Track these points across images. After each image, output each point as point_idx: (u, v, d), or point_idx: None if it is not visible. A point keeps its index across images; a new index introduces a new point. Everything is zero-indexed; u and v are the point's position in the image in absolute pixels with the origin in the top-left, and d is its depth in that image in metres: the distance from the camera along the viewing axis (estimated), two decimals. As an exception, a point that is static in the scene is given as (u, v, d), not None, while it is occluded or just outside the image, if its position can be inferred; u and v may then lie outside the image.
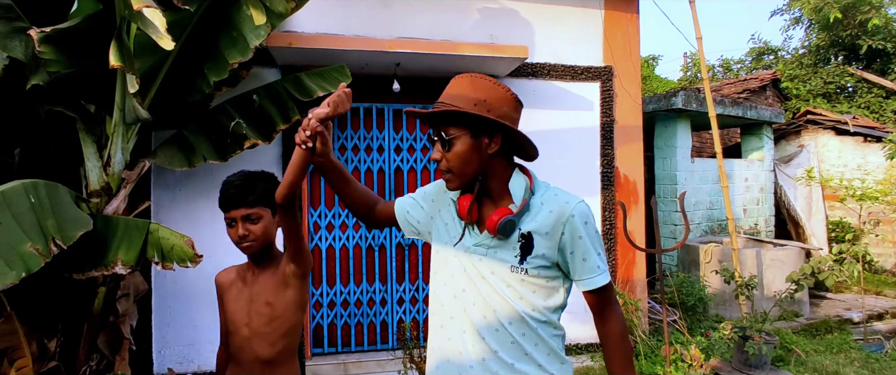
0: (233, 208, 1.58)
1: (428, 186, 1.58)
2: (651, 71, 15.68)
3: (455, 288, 1.40)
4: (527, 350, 1.34)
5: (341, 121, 4.13)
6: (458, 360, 1.38)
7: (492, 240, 1.36)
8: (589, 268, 1.34)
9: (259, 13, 2.79)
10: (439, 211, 1.49)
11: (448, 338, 1.41)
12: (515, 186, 1.36)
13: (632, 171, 4.61)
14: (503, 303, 1.34)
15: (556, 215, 1.33)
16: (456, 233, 1.42)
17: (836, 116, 8.23)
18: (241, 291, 1.67)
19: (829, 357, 4.28)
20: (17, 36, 2.48)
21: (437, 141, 1.34)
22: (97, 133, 2.88)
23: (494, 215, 1.32)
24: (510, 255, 1.34)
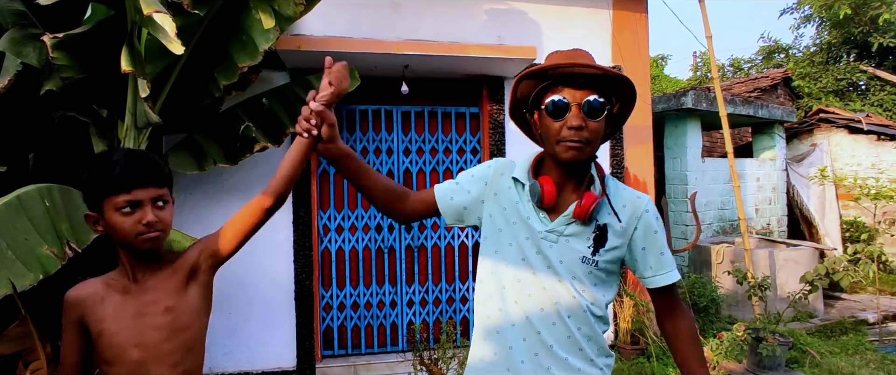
0: (140, 185, 1.22)
1: (475, 169, 1.45)
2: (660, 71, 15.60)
3: (508, 277, 1.32)
4: (581, 345, 1.29)
5: (350, 123, 4.15)
6: (507, 356, 1.31)
7: (567, 227, 1.28)
8: (664, 263, 1.31)
9: (268, 17, 2.80)
10: (495, 195, 1.38)
11: (497, 331, 1.33)
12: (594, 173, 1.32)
13: (642, 172, 4.58)
14: (566, 295, 1.28)
15: (631, 209, 1.30)
16: (518, 218, 1.32)
17: (848, 114, 8.13)
18: (120, 306, 1.26)
19: (844, 359, 4.23)
20: (31, 42, 2.51)
21: (578, 107, 1.22)
22: (109, 137, 2.91)
23: (585, 200, 1.25)
24: (583, 245, 1.28)
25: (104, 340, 1.25)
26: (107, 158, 1.23)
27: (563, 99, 1.23)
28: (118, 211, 1.21)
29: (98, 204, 1.23)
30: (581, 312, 1.28)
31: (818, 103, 10.12)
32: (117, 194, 1.20)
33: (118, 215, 1.21)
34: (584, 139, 1.23)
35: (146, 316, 1.27)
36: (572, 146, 1.23)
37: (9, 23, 2.57)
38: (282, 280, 3.88)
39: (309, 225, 3.92)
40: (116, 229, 1.22)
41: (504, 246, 1.34)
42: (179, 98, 3.03)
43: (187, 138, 3.28)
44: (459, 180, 1.45)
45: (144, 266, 1.30)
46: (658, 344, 4.17)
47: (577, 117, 1.22)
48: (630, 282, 4.45)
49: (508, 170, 1.39)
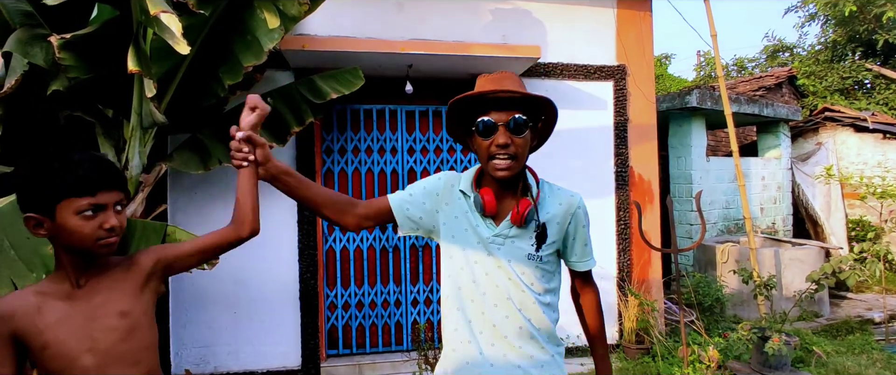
0: (108, 188, 1.17)
1: (425, 182, 1.58)
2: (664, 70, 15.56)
3: (465, 279, 1.48)
4: (533, 333, 1.46)
5: (354, 122, 4.15)
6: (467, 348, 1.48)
7: (511, 230, 1.45)
8: (588, 252, 1.56)
9: (273, 16, 2.81)
10: (446, 205, 1.53)
11: (455, 329, 1.50)
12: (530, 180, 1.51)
13: (646, 171, 4.57)
14: (516, 290, 1.45)
15: (566, 206, 1.50)
16: (469, 226, 1.48)
17: (854, 113, 8.09)
18: (64, 313, 1.19)
19: (850, 359, 4.21)
20: (38, 42, 2.52)
21: (504, 126, 1.38)
22: (115, 137, 2.92)
23: (520, 206, 1.43)
24: (527, 244, 1.45)
25: (50, 351, 1.16)
26: (66, 159, 1.15)
27: (490, 120, 1.39)
28: (79, 214, 1.14)
29: (49, 205, 1.14)
30: (531, 304, 1.46)
31: (823, 102, 10.08)
32: (80, 196, 1.14)
33: (78, 218, 1.14)
34: (511, 154, 1.39)
35: (97, 320, 1.20)
36: (501, 165, 1.40)
37: (16, 23, 2.57)
38: (286, 279, 3.89)
39: (313, 224, 3.92)
40: (73, 233, 1.15)
41: (458, 252, 1.50)
42: (184, 98, 3.04)
43: (192, 138, 3.29)
44: (413, 192, 1.56)
45: (89, 270, 1.23)
46: (663, 343, 4.16)
47: (503, 135, 1.38)
48: (635, 281, 4.44)
49: (457, 182, 1.55)
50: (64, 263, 1.21)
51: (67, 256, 1.20)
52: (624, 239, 4.47)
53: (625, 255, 4.46)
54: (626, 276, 4.44)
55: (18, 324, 1.15)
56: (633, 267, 4.49)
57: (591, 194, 4.46)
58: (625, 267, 4.45)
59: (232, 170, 3.56)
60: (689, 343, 3.88)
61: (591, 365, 4.09)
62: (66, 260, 1.21)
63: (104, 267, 1.26)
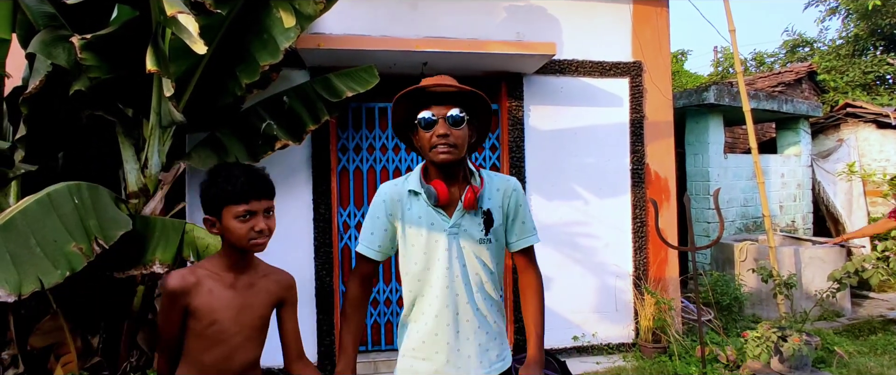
0: (258, 197, 1.45)
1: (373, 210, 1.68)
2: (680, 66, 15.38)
3: (424, 274, 1.61)
4: (485, 312, 1.62)
5: (368, 121, 4.17)
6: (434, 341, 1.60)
7: (462, 220, 1.59)
8: (528, 229, 1.68)
9: (288, 15, 2.83)
10: (401, 214, 1.64)
11: (422, 312, 1.62)
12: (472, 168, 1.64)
13: (663, 168, 4.52)
14: (473, 274, 1.60)
15: (503, 191, 1.65)
16: (430, 220, 1.60)
17: (876, 108, 7.92)
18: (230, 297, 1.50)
19: (873, 359, 4.13)
20: (61, 44, 2.57)
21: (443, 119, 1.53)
22: (135, 136, 2.97)
23: (469, 193, 1.57)
24: (477, 230, 1.59)
25: (216, 327, 1.46)
26: (227, 172, 1.45)
27: (431, 115, 1.54)
28: (236, 218, 1.42)
29: (217, 210, 1.44)
30: (482, 284, 1.62)
31: (844, 97, 9.88)
32: (237, 204, 1.41)
33: (235, 221, 1.42)
34: (451, 143, 1.53)
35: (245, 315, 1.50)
36: (442, 151, 1.53)
37: (40, 25, 2.63)
38: (302, 277, 3.92)
39: (329, 222, 3.95)
40: (232, 233, 1.43)
41: (418, 254, 1.61)
42: (202, 97, 3.08)
43: (210, 136, 3.33)
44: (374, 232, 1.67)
45: (246, 266, 1.53)
46: (680, 343, 4.12)
47: (443, 127, 1.53)
48: (651, 280, 4.40)
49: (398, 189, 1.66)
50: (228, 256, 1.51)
51: (232, 251, 1.50)
52: (640, 237, 4.43)
53: (641, 253, 4.42)
54: (642, 275, 4.40)
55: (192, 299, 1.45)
56: (650, 265, 4.45)
57: (607, 192, 4.43)
58: (641, 265, 4.41)
59: (249, 169, 3.60)
60: (706, 343, 3.83)
61: (607, 364, 4.08)
62: (231, 254, 1.50)
63: (259, 271, 1.57)
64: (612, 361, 4.16)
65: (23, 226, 2.09)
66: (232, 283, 1.50)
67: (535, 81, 4.27)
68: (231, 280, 1.51)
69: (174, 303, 1.44)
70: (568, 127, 4.25)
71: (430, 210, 1.60)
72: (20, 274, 1.97)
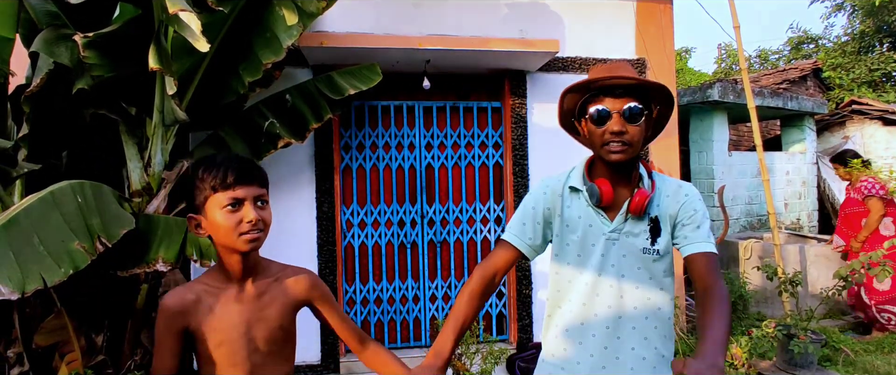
0: (243, 183, 1.24)
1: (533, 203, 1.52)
2: (684, 64, 15.33)
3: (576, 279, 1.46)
4: (647, 333, 1.43)
5: (372, 119, 4.16)
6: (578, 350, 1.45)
7: (625, 225, 1.43)
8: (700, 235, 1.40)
9: (291, 13, 2.82)
10: (558, 216, 1.50)
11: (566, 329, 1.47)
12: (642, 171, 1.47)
13: (667, 166, 4.50)
14: (631, 287, 1.42)
15: (674, 198, 1.45)
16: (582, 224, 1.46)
17: (882, 105, 7.87)
18: (237, 312, 1.30)
19: (879, 357, 4.10)
20: (63, 42, 2.57)
21: (618, 114, 1.36)
22: (138, 135, 2.97)
23: (637, 196, 1.40)
24: (641, 238, 1.42)
25: (226, 348, 1.28)
26: (209, 160, 1.27)
27: (604, 108, 1.37)
28: (222, 209, 1.22)
29: (201, 205, 1.25)
30: (646, 301, 1.42)
31: (850, 94, 9.82)
32: (221, 191, 1.23)
33: (221, 213, 1.22)
34: (626, 141, 1.36)
35: (261, 324, 1.32)
36: (615, 149, 1.37)
37: (43, 23, 2.63)
38: (306, 275, 3.91)
39: (332, 220, 3.95)
40: (219, 228, 1.23)
41: (570, 252, 1.47)
42: (205, 95, 3.08)
43: (213, 135, 3.33)
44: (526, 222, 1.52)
45: (252, 271, 1.33)
46: (684, 341, 4.10)
47: (617, 123, 1.36)
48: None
49: (559, 184, 1.52)
50: (225, 263, 1.30)
51: (228, 256, 1.28)
52: (644, 234, 4.40)
53: (645, 251, 4.40)
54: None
55: (191, 320, 1.27)
56: (654, 263, 4.42)
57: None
58: (645, 263, 4.39)
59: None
60: (711, 341, 3.81)
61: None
62: (227, 259, 1.29)
63: (270, 274, 1.36)
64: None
65: (26, 225, 2.09)
66: (237, 295, 1.31)
67: (539, 79, 4.26)
68: (235, 291, 1.31)
69: (170, 327, 1.26)
70: (571, 124, 4.23)
71: (591, 210, 1.46)
72: (23, 272, 1.97)
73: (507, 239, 1.51)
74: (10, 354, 2.64)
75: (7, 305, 2.58)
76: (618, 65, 1.43)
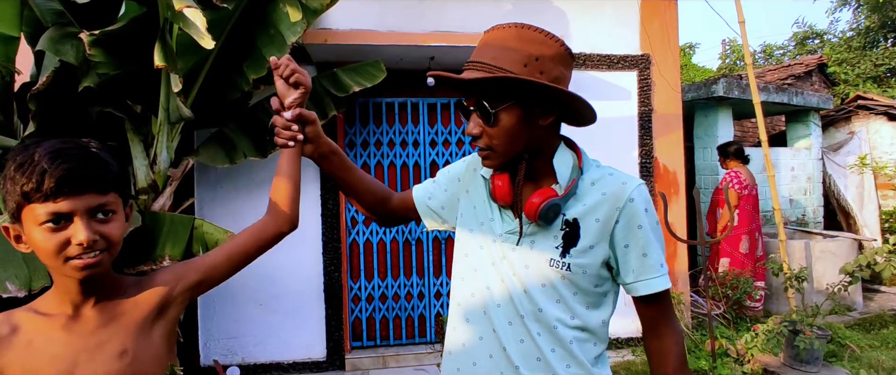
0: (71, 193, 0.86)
1: (452, 165, 1.34)
2: (688, 60, 15.28)
3: (476, 284, 1.17)
4: (556, 370, 1.08)
5: (376, 116, 4.16)
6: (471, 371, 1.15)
7: (530, 227, 1.11)
8: (649, 267, 1.07)
9: (295, 10, 2.82)
10: (466, 192, 1.26)
11: (462, 344, 1.18)
12: (561, 163, 1.10)
13: (671, 162, 4.49)
14: (533, 306, 1.09)
15: (611, 198, 1.07)
16: (486, 218, 1.17)
17: (888, 101, 7.82)
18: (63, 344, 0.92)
19: (885, 353, 4.09)
20: (69, 40, 2.57)
21: (475, 111, 1.07)
22: (144, 132, 2.98)
23: (535, 197, 1.07)
24: (550, 246, 1.08)
25: None
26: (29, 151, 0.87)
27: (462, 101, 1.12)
28: (39, 226, 0.86)
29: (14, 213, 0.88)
30: (551, 329, 1.08)
31: (855, 90, 9.77)
32: (37, 202, 0.85)
33: (39, 231, 0.86)
34: (486, 145, 1.08)
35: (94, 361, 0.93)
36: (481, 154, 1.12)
37: (48, 22, 2.64)
38: (311, 272, 3.93)
39: (337, 217, 3.95)
40: (39, 249, 0.87)
41: (474, 249, 1.20)
42: (210, 92, 3.08)
43: (218, 132, 3.34)
44: (438, 179, 1.35)
45: (90, 294, 0.95)
46: (690, 337, 4.09)
47: (475, 124, 1.08)
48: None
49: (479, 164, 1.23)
50: (58, 284, 0.95)
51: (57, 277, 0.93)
52: (649, 231, 4.40)
53: (650, 248, 4.39)
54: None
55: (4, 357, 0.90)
56: (659, 259, 4.42)
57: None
58: (650, 259, 4.39)
59: (257, 164, 3.61)
60: (716, 337, 3.81)
61: (617, 358, 4.06)
62: (59, 281, 0.94)
63: (114, 292, 0.99)
64: (621, 355, 4.14)
65: (34, 222, 2.10)
66: (67, 323, 0.94)
67: (543, 75, 4.25)
68: (66, 318, 0.94)
69: None
70: (576, 121, 4.22)
71: (493, 204, 1.17)
72: (30, 269, 1.98)
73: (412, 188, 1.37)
74: (19, 351, 2.65)
75: (15, 302, 2.59)
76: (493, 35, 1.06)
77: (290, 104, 1.13)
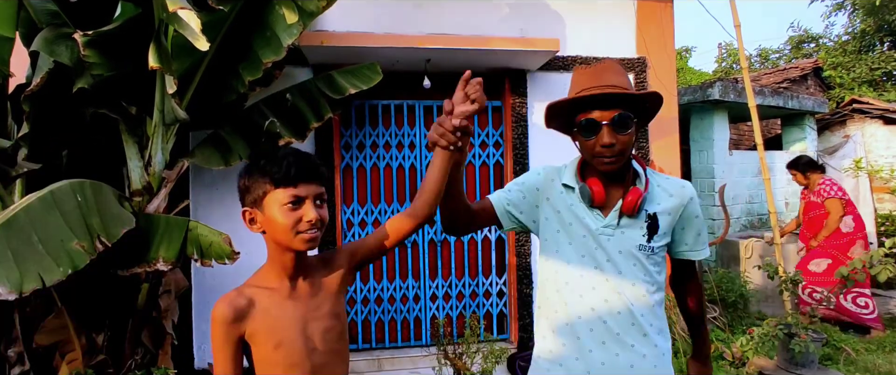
0: (304, 181, 1.19)
1: (527, 176, 1.56)
2: (684, 63, 15.32)
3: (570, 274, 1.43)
4: (645, 330, 1.40)
5: (372, 118, 4.16)
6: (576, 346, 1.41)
7: (621, 220, 1.41)
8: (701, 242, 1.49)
9: (291, 12, 2.82)
10: (547, 199, 1.50)
11: (565, 324, 1.43)
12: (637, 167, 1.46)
13: (667, 165, 4.50)
14: (627, 284, 1.40)
15: (678, 198, 1.44)
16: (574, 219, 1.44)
17: (883, 104, 7.85)
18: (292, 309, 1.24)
19: (880, 356, 4.10)
20: (64, 41, 2.57)
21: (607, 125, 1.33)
22: (139, 134, 2.96)
23: (630, 195, 1.38)
24: (638, 235, 1.40)
25: (284, 349, 1.20)
26: (272, 154, 1.20)
27: (592, 119, 1.35)
28: (281, 206, 1.17)
29: (259, 199, 1.20)
30: (643, 297, 1.40)
31: (851, 93, 9.81)
32: (286, 186, 1.17)
33: (281, 211, 1.17)
34: (619, 151, 1.35)
35: (316, 322, 1.25)
36: (607, 161, 1.36)
37: (43, 22, 2.63)
38: (306, 274, 3.91)
39: (332, 219, 3.94)
40: (277, 225, 1.18)
41: (564, 246, 1.45)
42: (205, 94, 3.07)
43: (213, 134, 3.33)
44: (512, 188, 1.54)
45: (303, 267, 1.27)
46: (685, 340, 4.09)
47: (607, 135, 1.33)
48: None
49: (557, 175, 1.51)
50: (277, 260, 1.24)
51: (280, 253, 1.23)
52: (645, 234, 4.41)
53: (646, 250, 4.40)
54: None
55: (249, 326, 1.19)
56: (655, 262, 4.42)
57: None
58: (646, 262, 4.39)
59: (252, 166, 3.60)
60: (712, 340, 3.81)
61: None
62: (279, 257, 1.23)
63: (311, 268, 1.29)
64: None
65: (25, 224, 2.09)
66: (290, 293, 1.25)
67: (539, 78, 4.25)
68: (288, 289, 1.25)
69: (227, 336, 1.18)
70: (572, 123, 4.22)
71: (583, 207, 1.44)
72: (21, 271, 1.97)
73: (489, 197, 1.53)
74: (11, 353, 2.64)
75: (7, 305, 2.58)
76: (604, 67, 1.40)
77: (460, 114, 1.24)
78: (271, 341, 1.20)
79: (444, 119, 1.24)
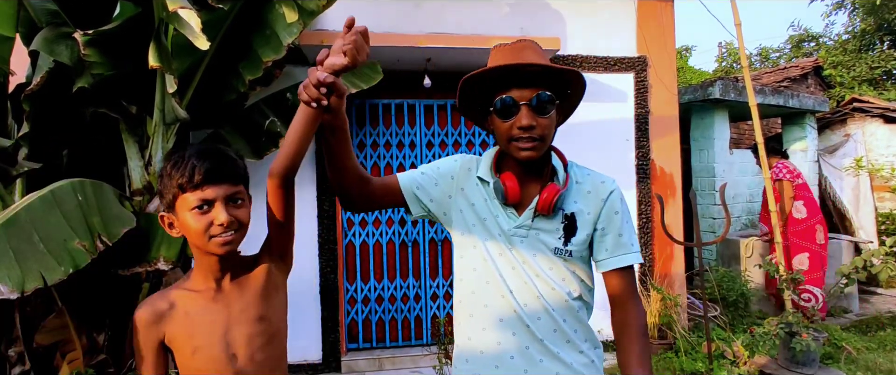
0: (213, 182, 1.11)
1: (441, 162, 1.40)
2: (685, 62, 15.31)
3: (488, 274, 1.29)
4: (569, 336, 1.27)
5: (372, 117, 4.15)
6: (495, 351, 1.28)
7: (534, 221, 1.27)
8: (623, 244, 1.27)
9: (291, 11, 2.81)
10: (461, 190, 1.35)
11: (483, 328, 1.30)
12: (555, 161, 1.31)
13: (668, 164, 4.50)
14: (547, 288, 1.26)
15: (595, 194, 1.29)
16: (489, 215, 1.30)
17: (883, 103, 7.84)
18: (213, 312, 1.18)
19: (881, 355, 4.09)
20: (64, 41, 2.57)
21: (527, 105, 1.19)
22: (139, 133, 2.96)
23: (546, 193, 1.23)
24: (553, 237, 1.26)
25: (201, 354, 1.15)
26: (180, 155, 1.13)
27: (510, 97, 1.20)
28: (190, 211, 1.11)
29: (171, 204, 1.15)
30: (564, 303, 1.27)
31: (851, 92, 9.81)
32: (189, 191, 1.11)
33: (190, 215, 1.11)
34: (536, 136, 1.20)
35: (238, 326, 1.18)
36: (525, 147, 1.21)
37: (43, 22, 2.62)
38: (307, 274, 3.92)
39: (333, 219, 3.94)
40: (190, 230, 1.12)
41: (480, 243, 1.31)
42: (205, 93, 3.07)
43: (213, 134, 3.33)
44: (425, 171, 1.38)
45: (226, 271, 1.20)
46: (686, 339, 4.09)
47: (526, 115, 1.19)
48: (657, 276, 4.38)
49: (474, 166, 1.36)
50: (202, 263, 1.19)
51: (202, 256, 1.18)
52: (646, 233, 4.40)
53: (647, 249, 4.40)
54: (648, 271, 4.38)
55: (167, 330, 1.15)
56: (656, 261, 4.42)
57: (611, 188, 4.40)
58: (647, 261, 4.39)
59: (253, 165, 3.58)
60: (712, 339, 3.81)
61: (613, 360, 4.05)
62: (203, 259, 1.18)
63: (240, 269, 1.23)
64: (609, 360, 4.13)
65: (26, 223, 2.09)
66: (215, 295, 1.19)
67: (540, 77, 4.25)
68: (213, 291, 1.19)
69: (147, 340, 1.14)
70: (572, 122, 4.19)
71: (495, 203, 1.30)
72: (23, 270, 1.96)
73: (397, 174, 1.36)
74: (12, 353, 2.63)
75: (8, 304, 2.58)
76: (523, 44, 1.25)
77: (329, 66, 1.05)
78: (189, 346, 1.15)
79: (310, 70, 1.07)
